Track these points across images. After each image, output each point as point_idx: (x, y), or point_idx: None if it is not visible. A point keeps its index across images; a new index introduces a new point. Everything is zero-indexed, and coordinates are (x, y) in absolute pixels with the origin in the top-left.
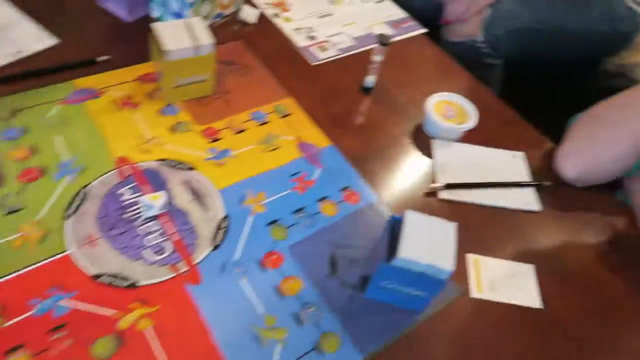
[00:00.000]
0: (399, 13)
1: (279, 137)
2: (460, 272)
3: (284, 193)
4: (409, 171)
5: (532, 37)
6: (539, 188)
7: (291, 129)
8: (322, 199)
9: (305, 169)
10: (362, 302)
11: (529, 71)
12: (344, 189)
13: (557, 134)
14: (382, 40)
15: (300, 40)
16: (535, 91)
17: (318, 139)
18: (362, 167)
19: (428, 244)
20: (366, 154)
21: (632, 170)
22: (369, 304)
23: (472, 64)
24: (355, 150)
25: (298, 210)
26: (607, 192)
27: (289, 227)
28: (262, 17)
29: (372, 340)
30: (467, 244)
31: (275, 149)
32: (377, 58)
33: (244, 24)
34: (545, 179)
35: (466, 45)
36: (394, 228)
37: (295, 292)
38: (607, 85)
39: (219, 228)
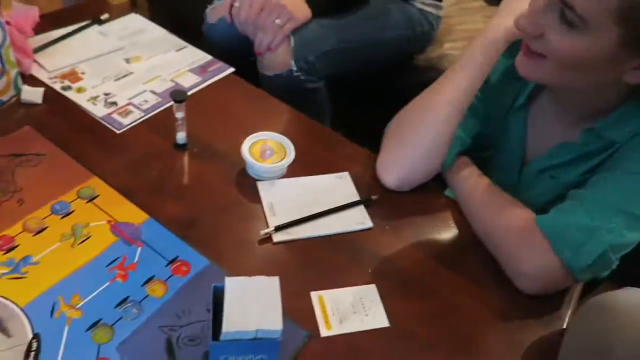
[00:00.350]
0: (204, 57)
1: (88, 225)
2: (308, 314)
3: (103, 287)
4: (240, 222)
5: (342, 56)
6: (368, 204)
7: (101, 212)
8: (149, 280)
9: (125, 253)
10: None
11: (352, 84)
12: (172, 262)
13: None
14: (177, 97)
15: (99, 110)
16: (362, 101)
17: (134, 215)
18: (189, 232)
19: (254, 307)
20: (191, 216)
21: (446, 164)
22: None
23: (295, 93)
24: (178, 215)
25: (122, 302)
26: (435, 191)
27: (114, 324)
28: (51, 94)
29: None
30: (311, 281)
31: (85, 240)
32: (179, 115)
33: (30, 106)
34: (375, 192)
35: (283, 77)
36: (219, 298)
37: None
38: (422, 80)
39: (28, 353)
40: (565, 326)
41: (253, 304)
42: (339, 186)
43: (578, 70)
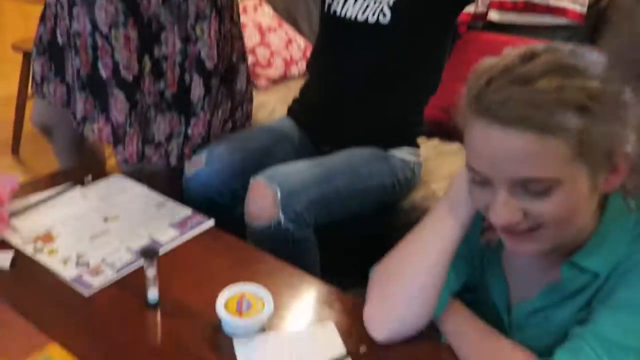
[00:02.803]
0: (183, 211)
1: None
2: None
3: None
4: None
5: (329, 205)
6: (355, 357)
7: None
8: None
9: None
10: None
11: (339, 230)
12: None
13: None
14: (146, 253)
15: (69, 272)
16: (351, 246)
17: None
18: None
19: None
20: None
21: (437, 312)
22: None
23: (284, 244)
24: None
25: None
26: (431, 338)
27: None
28: (20, 258)
29: None
30: None
31: None
32: (150, 273)
33: None
34: (363, 341)
35: (271, 228)
36: None
37: None
38: (407, 222)
39: None
40: None
41: None
42: (322, 337)
43: (573, 216)
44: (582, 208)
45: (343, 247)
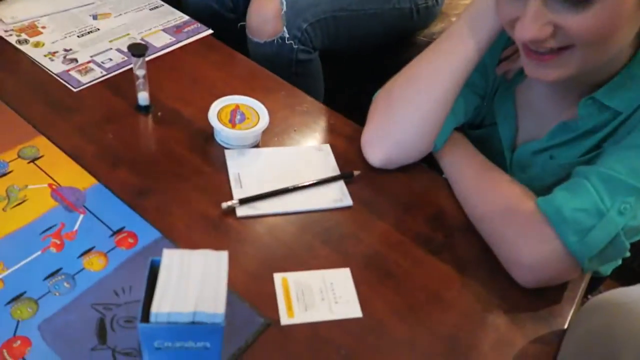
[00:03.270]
0: (180, 17)
1: (25, 188)
2: (268, 298)
3: (33, 256)
4: (201, 194)
5: (338, 25)
6: (349, 180)
7: (43, 174)
8: (87, 251)
9: (63, 220)
10: None
11: (347, 60)
12: (117, 232)
13: None
14: (135, 50)
15: (55, 66)
16: (358, 78)
17: (80, 179)
18: (141, 202)
19: (193, 285)
20: (146, 184)
21: (438, 143)
22: None
23: (287, 63)
24: (131, 183)
25: (53, 274)
26: (424, 171)
27: (39, 298)
28: (3, 47)
29: None
30: (276, 262)
31: (20, 204)
32: (140, 72)
33: None
34: (357, 167)
35: (274, 44)
36: (156, 273)
37: None
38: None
39: None
40: (566, 326)
41: (193, 282)
42: (317, 159)
43: (609, 38)
44: (620, 30)
45: (348, 83)
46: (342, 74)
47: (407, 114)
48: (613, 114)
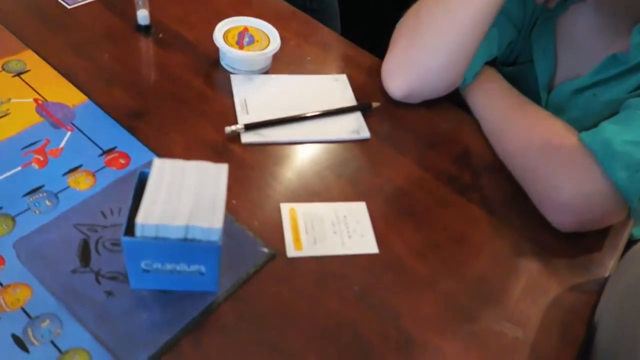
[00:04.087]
0: None
1: (8, 101)
2: (274, 228)
3: (12, 172)
4: (203, 118)
5: None
6: (367, 111)
7: (28, 88)
8: (73, 169)
9: (48, 136)
10: (129, 297)
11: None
12: (107, 152)
13: None
14: None
15: None
16: (379, 11)
17: (70, 96)
18: (137, 123)
19: (187, 197)
20: (143, 105)
21: (466, 79)
22: (141, 297)
23: None
24: (127, 103)
25: (33, 191)
26: (449, 107)
27: (17, 215)
28: None
29: (148, 343)
30: (284, 192)
31: (1, 117)
32: None
33: None
34: (376, 100)
35: None
36: (144, 186)
37: (19, 305)
38: None
39: None
40: (607, 274)
41: (186, 194)
42: (333, 89)
43: None
44: None
45: (367, 21)
46: (361, 12)
47: (435, 39)
48: None
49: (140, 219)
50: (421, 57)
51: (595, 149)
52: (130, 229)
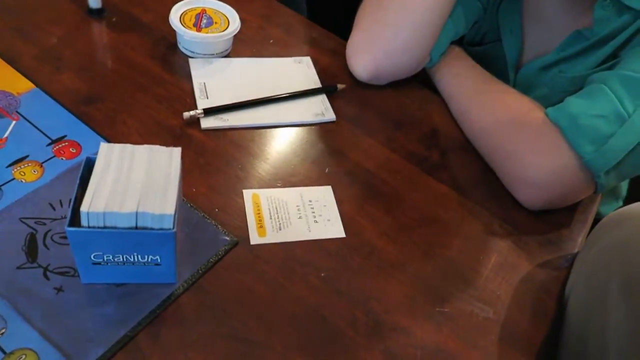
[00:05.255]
0: None
1: None
2: (236, 217)
3: None
4: (159, 103)
5: None
6: (332, 93)
7: None
8: (18, 160)
9: None
10: (80, 292)
11: None
12: (56, 141)
13: None
14: None
15: None
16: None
17: (14, 83)
18: (88, 109)
19: (135, 184)
20: (94, 91)
21: (432, 58)
22: (94, 292)
23: None
24: (77, 89)
25: None
26: (416, 86)
27: None
28: None
29: (101, 339)
30: (246, 178)
31: None
32: None
33: None
34: (342, 82)
35: None
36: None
37: None
38: None
39: None
40: (577, 250)
41: (136, 180)
42: (296, 71)
43: None
44: None
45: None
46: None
47: (400, 16)
48: (633, 16)
49: (84, 207)
50: (386, 35)
51: (561, 124)
52: (75, 219)
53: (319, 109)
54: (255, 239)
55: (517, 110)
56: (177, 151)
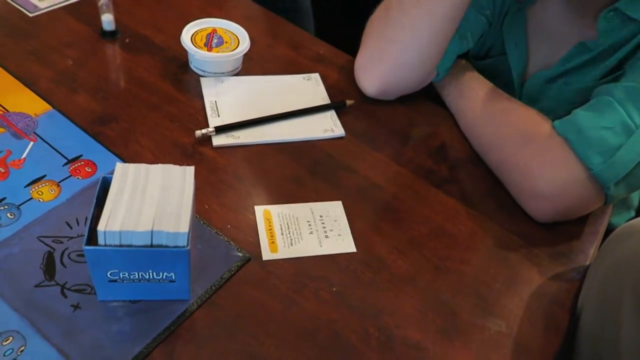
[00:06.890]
0: None
1: None
2: (248, 233)
3: None
4: (172, 122)
5: None
6: (341, 109)
7: None
8: (36, 180)
9: (10, 147)
10: (97, 309)
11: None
12: (72, 161)
13: None
14: None
15: None
16: (352, 17)
17: (32, 105)
18: (103, 129)
19: (150, 203)
20: (109, 112)
21: (439, 73)
22: (110, 309)
23: None
24: (92, 109)
25: None
26: (424, 101)
27: None
28: None
29: (117, 356)
30: (258, 194)
31: None
32: None
33: None
34: (350, 98)
35: None
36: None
37: None
38: None
39: None
40: (588, 262)
41: (151, 199)
42: (305, 88)
43: None
44: None
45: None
46: (335, 11)
47: (407, 33)
48: (637, 27)
49: (102, 226)
50: (393, 51)
51: (569, 136)
52: (92, 238)
53: (328, 124)
54: (267, 254)
55: (525, 123)
56: (190, 170)
